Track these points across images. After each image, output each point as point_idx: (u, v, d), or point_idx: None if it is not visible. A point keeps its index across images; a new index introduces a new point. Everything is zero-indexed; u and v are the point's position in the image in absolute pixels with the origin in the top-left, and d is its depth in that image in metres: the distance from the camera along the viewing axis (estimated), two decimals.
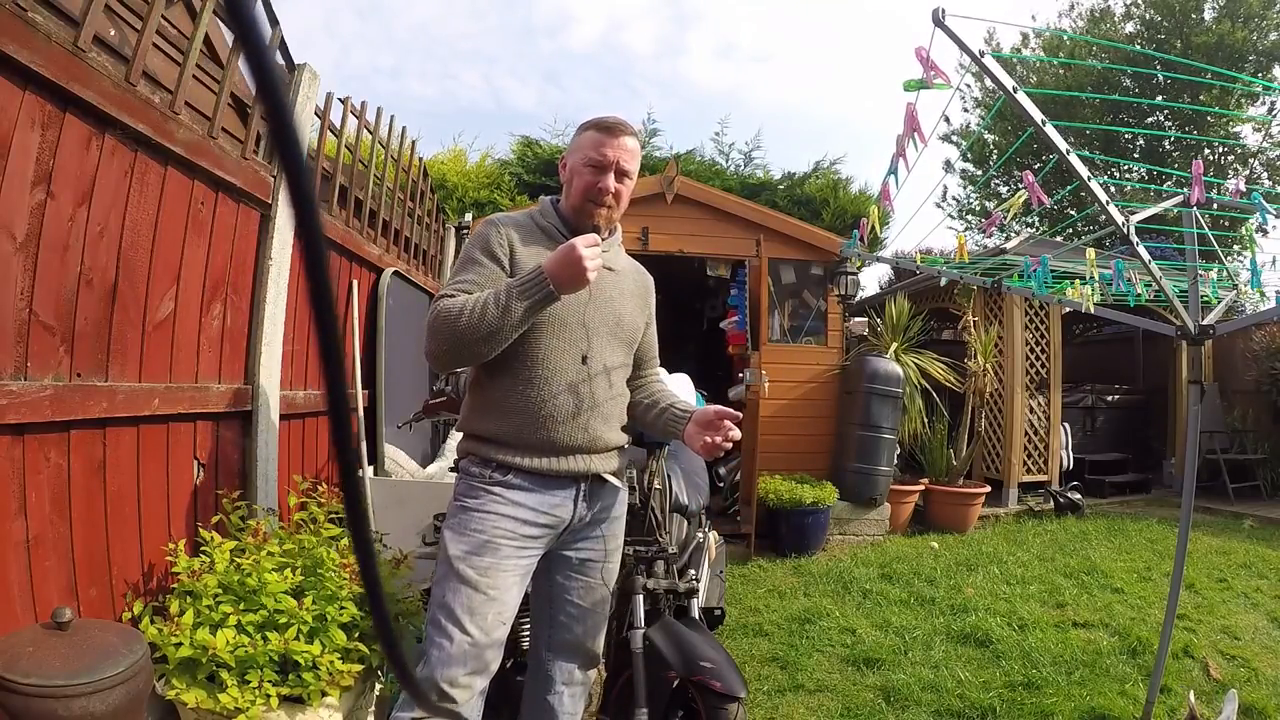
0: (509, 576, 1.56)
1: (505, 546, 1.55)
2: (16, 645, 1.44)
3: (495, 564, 1.54)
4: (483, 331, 1.48)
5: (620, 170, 1.65)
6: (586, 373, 1.63)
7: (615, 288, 1.73)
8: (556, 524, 1.64)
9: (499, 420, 1.61)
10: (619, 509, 1.80)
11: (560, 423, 1.60)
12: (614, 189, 1.64)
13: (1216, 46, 10.96)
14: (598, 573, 1.75)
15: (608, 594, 1.79)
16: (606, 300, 1.70)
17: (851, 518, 5.44)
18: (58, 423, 1.67)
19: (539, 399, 1.59)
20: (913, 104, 1.78)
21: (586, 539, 1.73)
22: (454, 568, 1.53)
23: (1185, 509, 2.52)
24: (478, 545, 1.54)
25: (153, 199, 2.00)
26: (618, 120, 1.66)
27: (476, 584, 1.51)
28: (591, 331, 1.65)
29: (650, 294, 1.89)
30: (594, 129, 1.66)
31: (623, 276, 1.78)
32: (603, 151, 1.63)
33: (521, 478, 1.59)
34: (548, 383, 1.59)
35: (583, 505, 1.67)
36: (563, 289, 1.48)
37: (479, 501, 1.58)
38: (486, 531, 1.55)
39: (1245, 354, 7.58)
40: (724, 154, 9.19)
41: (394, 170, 3.94)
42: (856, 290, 6.03)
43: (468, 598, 1.51)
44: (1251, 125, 12.32)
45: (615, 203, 1.67)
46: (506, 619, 1.56)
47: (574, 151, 1.69)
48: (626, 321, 1.74)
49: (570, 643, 1.78)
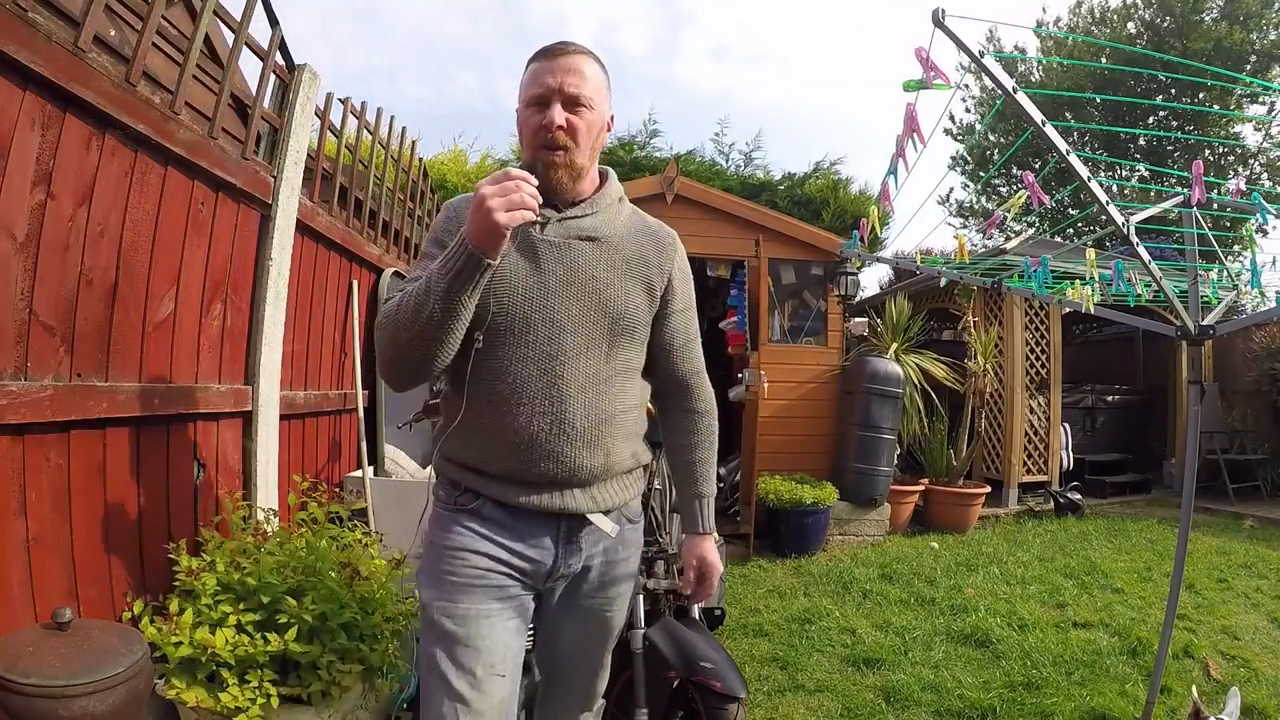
0: (492, 623, 1.28)
1: (477, 586, 1.29)
2: (16, 645, 1.44)
3: (472, 610, 1.27)
4: (417, 325, 1.18)
5: (568, 97, 1.28)
6: (564, 388, 1.28)
7: (600, 262, 1.33)
8: (535, 569, 1.34)
9: (461, 443, 1.34)
10: (622, 552, 1.44)
11: (524, 450, 1.28)
12: (562, 121, 1.27)
13: (1215, 48, 10.96)
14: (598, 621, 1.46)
15: (610, 635, 1.51)
16: (585, 283, 1.31)
17: (851, 518, 5.44)
18: (58, 423, 1.67)
19: (499, 420, 1.28)
20: (912, 104, 1.79)
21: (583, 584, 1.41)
22: (431, 617, 1.29)
23: (1185, 509, 2.52)
24: (450, 590, 1.28)
25: (153, 199, 2.00)
26: (560, 41, 1.33)
27: (455, 636, 1.26)
28: (565, 329, 1.29)
29: (666, 262, 1.42)
30: (534, 60, 1.33)
31: (613, 245, 1.35)
32: (542, 81, 1.29)
33: (492, 508, 1.32)
34: (507, 401, 1.27)
35: (565, 550, 1.35)
36: (481, 247, 1.12)
37: (448, 536, 1.32)
38: (458, 573, 1.29)
39: (1245, 354, 7.58)
40: (724, 154, 9.22)
41: (394, 170, 3.94)
42: (856, 290, 6.03)
43: (450, 649, 1.26)
44: (1252, 125, 12.33)
45: (573, 140, 1.28)
46: (503, 670, 1.28)
47: (519, 99, 1.34)
48: (617, 307, 1.33)
49: (567, 689, 1.56)
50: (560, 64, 1.29)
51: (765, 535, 5.20)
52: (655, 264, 1.40)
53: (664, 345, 1.46)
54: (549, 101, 1.28)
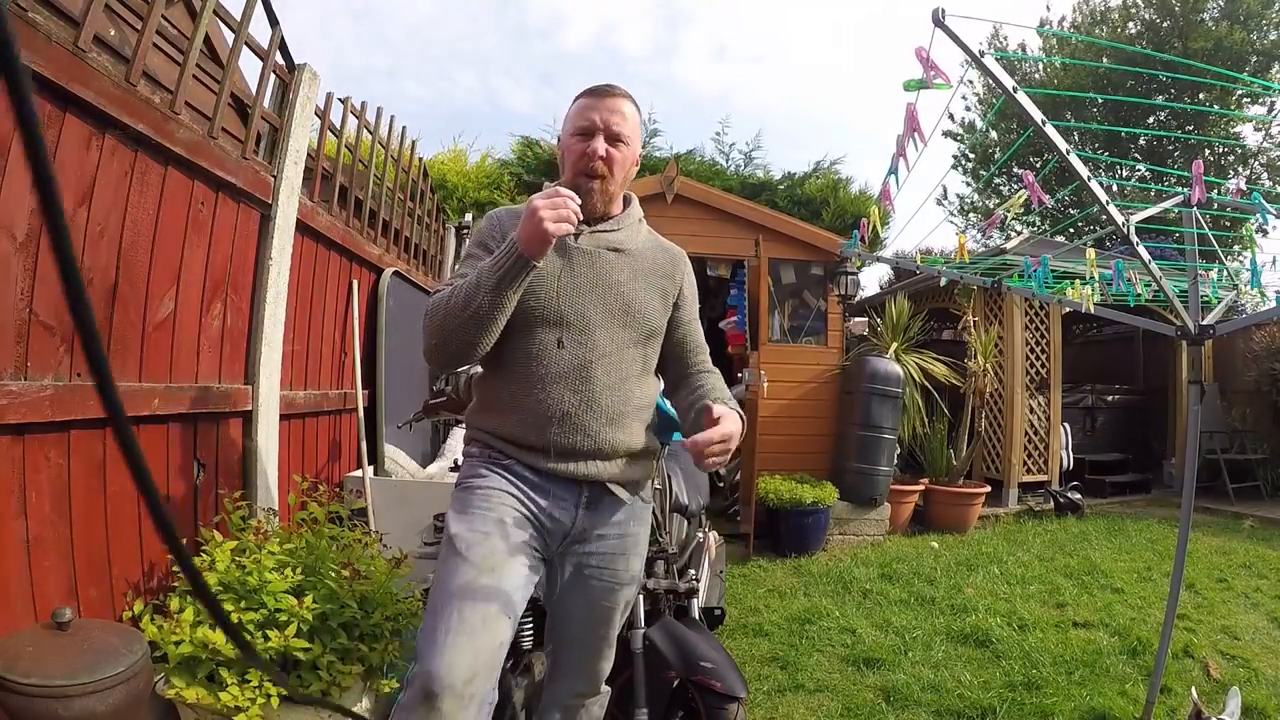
0: (512, 559, 1.40)
1: (506, 520, 1.42)
2: (16, 645, 1.44)
3: (494, 541, 1.39)
4: (466, 314, 1.37)
5: (611, 134, 1.49)
6: (592, 370, 1.47)
7: (624, 270, 1.54)
8: (555, 528, 1.49)
9: (499, 418, 1.51)
10: (633, 527, 1.59)
11: (557, 424, 1.45)
12: (604, 153, 1.48)
13: (1216, 48, 10.96)
14: (604, 593, 1.57)
15: (615, 611, 1.61)
16: (611, 286, 1.52)
17: (851, 518, 5.44)
18: (58, 423, 1.67)
19: (535, 398, 1.46)
20: (913, 104, 1.79)
21: (594, 554, 1.55)
22: (453, 547, 1.39)
23: (1185, 509, 2.52)
24: (478, 519, 1.41)
25: (153, 199, 2.00)
26: (607, 84, 1.53)
27: (474, 561, 1.36)
28: (593, 323, 1.49)
29: (679, 275, 1.64)
30: (582, 96, 1.54)
31: (635, 257, 1.58)
32: (588, 116, 1.50)
33: (523, 469, 1.49)
34: (543, 381, 1.45)
35: (584, 515, 1.51)
36: (530, 251, 1.33)
37: (483, 479, 1.47)
38: (491, 505, 1.42)
39: (1245, 354, 7.58)
40: (724, 154, 9.21)
41: (394, 170, 3.94)
42: (856, 290, 6.03)
43: (465, 577, 1.35)
44: (1252, 125, 12.33)
45: (609, 170, 1.50)
46: (509, 611, 1.37)
47: (565, 127, 1.57)
48: (637, 308, 1.53)
49: (572, 663, 1.65)
50: (606, 104, 1.51)
51: (765, 535, 5.20)
52: (669, 275, 1.62)
53: (677, 346, 1.65)
54: (594, 134, 1.49)
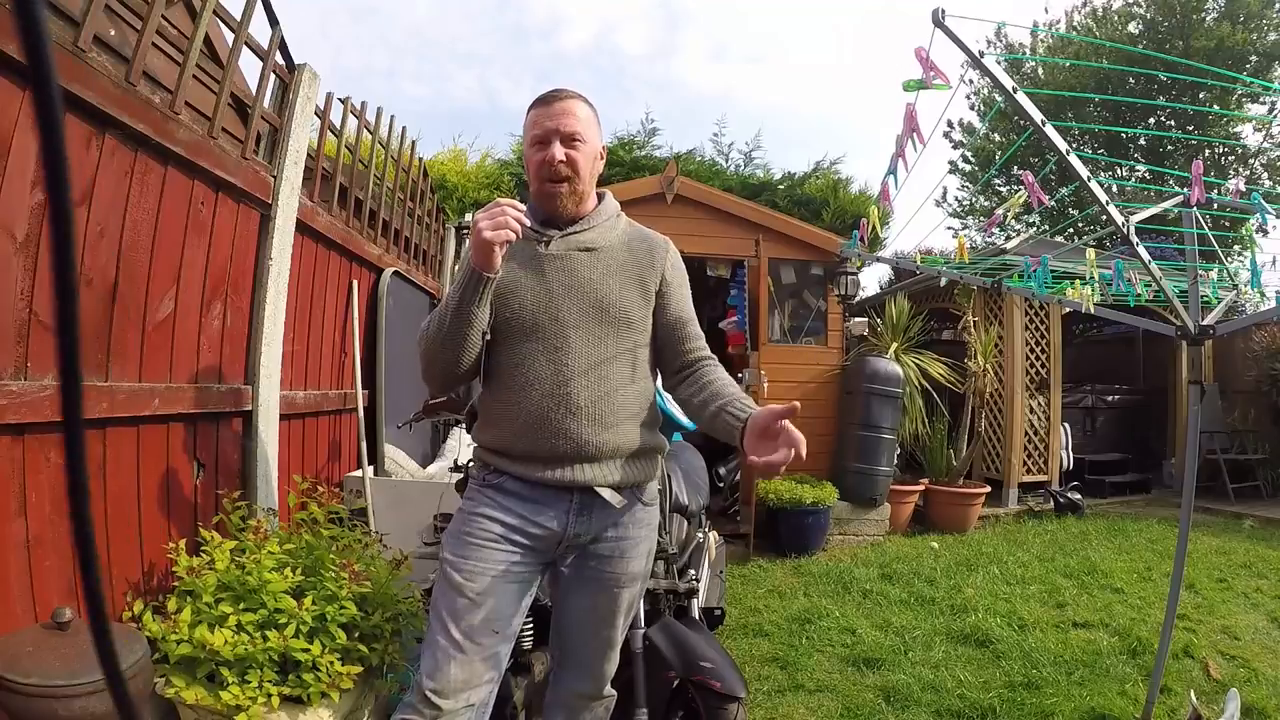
0: (496, 582, 1.46)
1: (489, 548, 1.47)
2: (16, 645, 1.44)
3: (479, 567, 1.46)
4: (442, 335, 1.45)
5: (566, 136, 1.51)
6: (568, 373, 1.48)
7: (596, 268, 1.55)
8: (546, 535, 1.51)
9: (493, 431, 1.55)
10: (631, 530, 1.58)
11: (539, 429, 1.47)
12: (562, 156, 1.50)
13: (1216, 49, 10.96)
14: (605, 593, 1.59)
15: (618, 612, 1.62)
16: (583, 285, 1.53)
17: (851, 518, 5.44)
18: (58, 423, 1.67)
19: (519, 407, 1.49)
20: (912, 104, 1.79)
21: (592, 556, 1.57)
22: (444, 571, 1.48)
23: (1185, 509, 2.52)
24: (464, 548, 1.48)
25: (153, 199, 2.00)
26: (554, 89, 1.55)
27: (461, 588, 1.44)
28: (569, 325, 1.50)
29: (659, 263, 1.62)
30: (532, 108, 1.56)
31: (606, 252, 1.58)
32: (541, 125, 1.52)
33: (514, 483, 1.52)
34: (525, 389, 1.49)
35: (576, 520, 1.52)
36: (477, 263, 1.38)
37: (472, 505, 1.53)
38: (474, 534, 1.49)
39: (1245, 354, 7.58)
40: (724, 154, 9.21)
41: (394, 170, 3.94)
42: (856, 290, 6.03)
43: (452, 601, 1.44)
44: (1252, 125, 12.33)
45: (573, 172, 1.52)
46: (498, 628, 1.45)
47: (524, 141, 1.58)
48: (612, 303, 1.53)
49: (575, 663, 1.68)
50: (555, 109, 1.52)
51: (765, 535, 5.20)
52: (649, 265, 1.61)
53: (667, 327, 1.63)
54: (549, 141, 1.51)
